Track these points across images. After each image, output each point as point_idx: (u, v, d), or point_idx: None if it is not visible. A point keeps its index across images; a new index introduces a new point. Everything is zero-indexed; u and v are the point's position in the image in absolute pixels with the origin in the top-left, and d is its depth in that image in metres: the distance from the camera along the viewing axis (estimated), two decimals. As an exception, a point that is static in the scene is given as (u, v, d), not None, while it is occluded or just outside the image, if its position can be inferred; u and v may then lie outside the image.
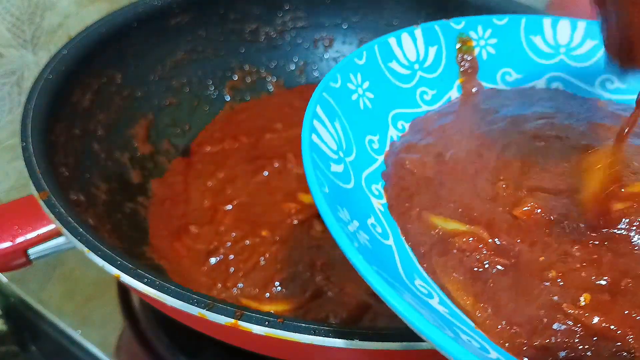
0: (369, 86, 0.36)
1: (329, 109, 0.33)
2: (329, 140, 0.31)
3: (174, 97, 0.63)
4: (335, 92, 0.34)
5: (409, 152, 0.35)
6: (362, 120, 0.35)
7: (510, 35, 0.42)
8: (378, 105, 0.37)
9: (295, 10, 0.68)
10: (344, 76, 0.35)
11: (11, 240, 0.41)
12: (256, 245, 0.51)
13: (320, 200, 0.26)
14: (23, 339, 0.55)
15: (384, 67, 0.38)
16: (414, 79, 0.39)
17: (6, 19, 0.63)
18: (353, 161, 0.32)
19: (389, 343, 0.32)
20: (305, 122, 0.31)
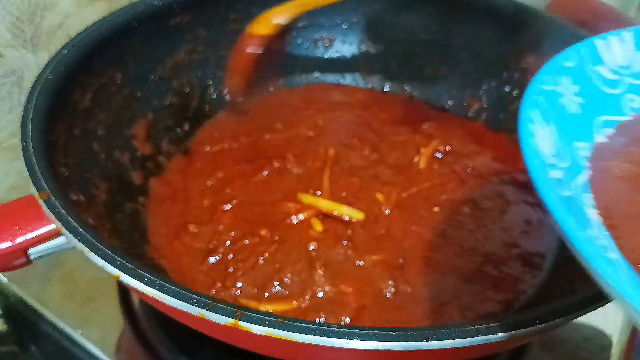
0: (578, 91, 0.35)
1: (543, 111, 0.32)
2: (547, 145, 0.30)
3: (174, 97, 0.63)
4: (546, 94, 0.33)
5: (616, 158, 0.33)
6: (571, 126, 0.34)
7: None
8: (585, 111, 0.35)
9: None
10: (553, 79, 0.34)
11: (11, 240, 0.41)
12: (255, 244, 0.51)
13: (558, 209, 0.25)
14: (23, 339, 0.55)
15: (591, 71, 0.36)
16: (622, 85, 0.37)
17: (6, 19, 0.63)
18: (567, 168, 0.31)
19: (389, 343, 0.32)
20: (522, 127, 0.30)
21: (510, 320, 0.33)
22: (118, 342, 0.50)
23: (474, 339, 0.32)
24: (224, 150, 0.62)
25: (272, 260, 0.50)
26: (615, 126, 0.36)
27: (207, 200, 0.56)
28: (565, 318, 0.34)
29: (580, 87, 0.35)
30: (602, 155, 0.34)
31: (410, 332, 0.32)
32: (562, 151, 0.32)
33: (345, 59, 0.71)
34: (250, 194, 0.56)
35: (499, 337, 0.33)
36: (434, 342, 0.32)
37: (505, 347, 0.47)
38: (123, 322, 0.51)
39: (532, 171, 0.27)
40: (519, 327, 0.33)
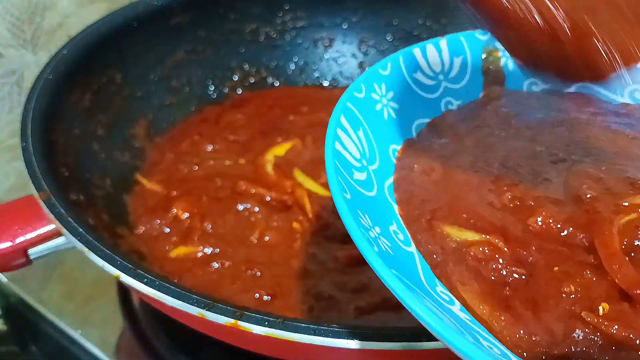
0: (393, 96, 0.37)
1: (353, 118, 0.33)
2: (353, 148, 0.32)
3: (174, 97, 0.63)
4: (359, 101, 0.34)
5: (419, 155, 0.35)
6: (386, 130, 0.35)
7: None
8: (402, 115, 0.37)
9: (295, 10, 0.68)
10: (368, 86, 0.35)
11: (11, 240, 0.41)
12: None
13: (342, 206, 0.27)
14: (23, 339, 0.55)
15: (408, 78, 0.38)
16: (439, 90, 0.39)
17: (6, 19, 0.63)
18: (376, 169, 0.33)
19: (389, 343, 0.32)
20: (329, 131, 0.31)
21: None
22: (118, 342, 0.50)
23: (474, 339, 0.32)
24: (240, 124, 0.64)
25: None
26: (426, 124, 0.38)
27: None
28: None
29: (394, 93, 0.37)
30: (409, 151, 0.36)
31: (410, 332, 0.32)
32: (373, 154, 0.33)
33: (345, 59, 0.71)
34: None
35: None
36: (434, 342, 0.32)
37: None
38: (123, 322, 0.51)
39: (328, 172, 0.29)
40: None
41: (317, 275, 0.48)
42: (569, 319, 0.25)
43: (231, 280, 0.48)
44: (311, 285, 0.47)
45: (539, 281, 0.26)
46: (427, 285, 0.27)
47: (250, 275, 0.48)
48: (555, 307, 0.25)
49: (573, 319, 0.25)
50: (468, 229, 0.29)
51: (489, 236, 0.29)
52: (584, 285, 0.26)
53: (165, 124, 0.62)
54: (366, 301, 0.46)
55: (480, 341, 0.24)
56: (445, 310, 0.25)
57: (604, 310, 0.25)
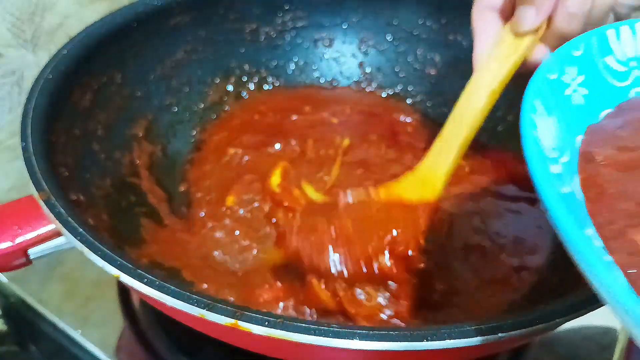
0: (583, 81, 0.33)
1: (547, 102, 0.30)
2: (547, 138, 0.28)
3: (174, 97, 0.63)
4: (551, 84, 0.31)
5: (604, 144, 0.31)
6: (575, 118, 0.32)
7: None
8: (590, 103, 0.33)
9: (295, 10, 0.68)
10: (559, 68, 0.32)
11: (11, 240, 0.41)
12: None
13: (555, 205, 0.23)
14: (23, 339, 0.55)
15: (599, 62, 0.34)
16: (629, 77, 0.35)
17: (6, 19, 0.63)
18: (566, 163, 0.29)
19: (389, 343, 0.32)
20: (524, 117, 0.28)
21: (510, 321, 0.33)
22: (118, 342, 0.50)
23: (474, 339, 0.32)
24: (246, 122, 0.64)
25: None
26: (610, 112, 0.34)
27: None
28: (564, 318, 0.34)
29: (586, 77, 0.33)
30: (591, 143, 0.32)
31: (410, 332, 0.32)
32: (563, 145, 0.30)
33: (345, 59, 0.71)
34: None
35: (498, 337, 0.33)
36: (434, 342, 0.32)
37: (505, 347, 0.47)
38: (123, 322, 0.51)
39: (531, 165, 0.26)
40: (519, 328, 0.33)
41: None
42: None
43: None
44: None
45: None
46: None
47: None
48: None
49: None
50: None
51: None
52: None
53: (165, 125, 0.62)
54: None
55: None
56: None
57: None
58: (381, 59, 0.71)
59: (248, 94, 0.68)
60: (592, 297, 0.35)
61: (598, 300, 0.35)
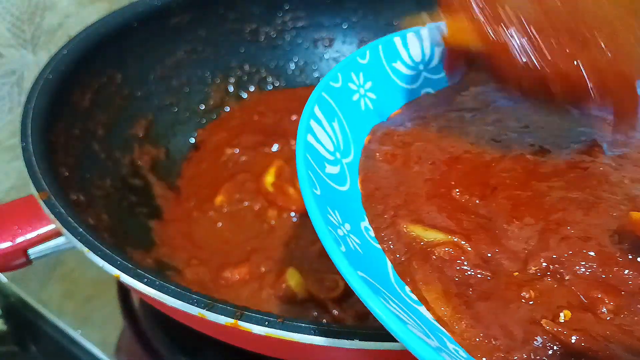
0: (371, 86, 0.35)
1: (328, 109, 0.32)
2: (326, 141, 0.31)
3: (174, 97, 0.63)
4: (335, 91, 0.33)
5: (384, 140, 0.33)
6: (363, 121, 0.34)
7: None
8: (381, 106, 0.36)
9: (295, 10, 0.68)
10: (345, 75, 0.34)
11: (11, 240, 0.41)
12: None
13: (310, 202, 0.26)
14: (23, 339, 0.55)
15: (387, 67, 0.37)
16: (419, 80, 0.38)
17: (6, 19, 0.63)
18: (350, 162, 0.32)
19: (389, 343, 0.32)
20: (301, 122, 0.30)
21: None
22: (118, 342, 0.50)
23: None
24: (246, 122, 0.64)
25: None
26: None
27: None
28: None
29: (373, 82, 0.35)
30: (375, 136, 0.34)
31: (410, 332, 0.32)
32: (349, 146, 0.32)
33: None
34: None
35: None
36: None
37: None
38: (123, 322, 0.51)
39: (298, 164, 0.28)
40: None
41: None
42: (529, 325, 0.24)
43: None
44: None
45: (501, 285, 0.26)
46: (396, 286, 0.26)
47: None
48: (515, 312, 0.24)
49: (533, 325, 0.24)
50: (432, 229, 0.28)
51: (454, 237, 0.27)
52: (545, 291, 0.25)
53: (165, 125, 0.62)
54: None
55: (446, 344, 0.23)
56: (413, 311, 0.24)
57: (566, 317, 0.24)
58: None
59: (248, 94, 0.68)
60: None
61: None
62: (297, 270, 0.49)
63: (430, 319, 0.25)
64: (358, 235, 0.28)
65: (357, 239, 0.27)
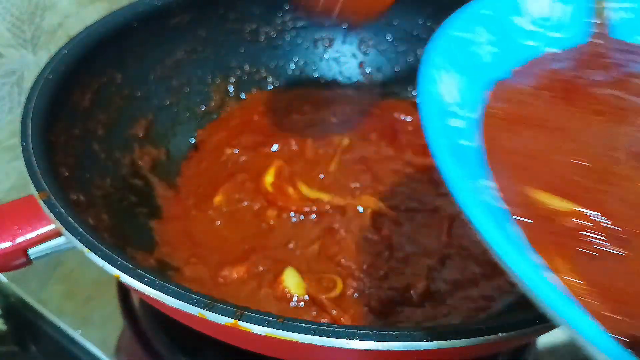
0: (493, 40, 0.33)
1: (451, 58, 0.30)
2: (452, 92, 0.29)
3: (174, 97, 0.63)
4: (456, 41, 0.31)
5: (505, 99, 0.31)
6: (484, 75, 0.32)
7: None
8: (501, 61, 0.33)
9: (295, 10, 0.68)
10: (466, 25, 0.32)
11: (11, 240, 0.41)
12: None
13: (442, 152, 0.24)
14: (23, 339, 0.55)
15: (509, 21, 0.34)
16: (540, 38, 0.35)
17: (6, 19, 0.63)
18: (474, 119, 0.30)
19: (389, 343, 0.32)
20: (423, 72, 0.28)
21: (510, 321, 0.33)
22: (118, 342, 0.50)
23: (474, 339, 0.32)
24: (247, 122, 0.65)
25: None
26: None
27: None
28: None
29: (495, 37, 0.33)
30: (496, 98, 0.32)
31: (410, 332, 0.32)
32: (470, 100, 0.30)
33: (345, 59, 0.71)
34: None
35: (499, 337, 0.33)
36: (434, 342, 0.32)
37: (505, 347, 0.47)
38: (123, 322, 0.51)
39: (424, 116, 0.26)
40: (519, 328, 0.33)
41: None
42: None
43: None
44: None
45: (633, 261, 0.24)
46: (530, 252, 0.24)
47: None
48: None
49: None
50: (562, 197, 0.26)
51: (587, 209, 0.26)
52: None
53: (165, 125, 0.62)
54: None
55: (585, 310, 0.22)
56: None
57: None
58: (381, 59, 0.71)
59: (248, 95, 0.68)
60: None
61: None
62: (296, 270, 0.49)
63: (560, 284, 0.24)
64: (487, 193, 0.26)
65: (489, 198, 0.26)
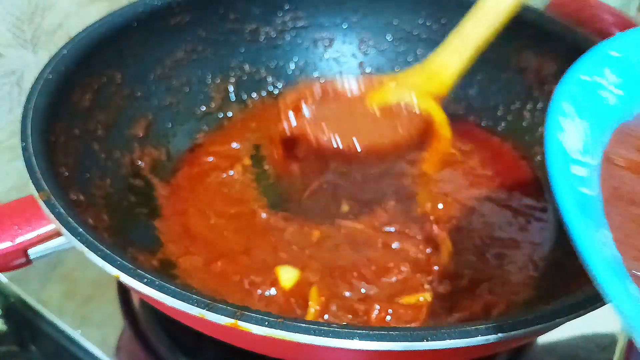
0: (620, 83, 0.32)
1: (577, 104, 0.29)
2: (575, 139, 0.28)
3: (174, 97, 0.63)
4: (584, 85, 0.30)
5: (624, 143, 0.30)
6: (608, 119, 0.31)
7: None
8: (625, 105, 0.32)
9: (295, 10, 0.68)
10: (594, 68, 0.31)
11: (11, 240, 0.41)
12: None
13: (568, 205, 0.24)
14: (23, 339, 0.55)
15: (637, 62, 0.33)
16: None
17: (6, 19, 0.63)
18: (597, 166, 0.29)
19: (389, 343, 0.32)
20: (550, 118, 0.27)
21: (510, 321, 0.33)
22: (118, 342, 0.50)
23: (473, 339, 0.32)
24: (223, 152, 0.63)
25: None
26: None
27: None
28: (564, 318, 0.34)
29: (623, 79, 0.32)
30: (615, 141, 0.31)
31: (410, 332, 0.32)
32: (592, 147, 0.29)
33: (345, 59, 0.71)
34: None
35: (498, 337, 0.33)
36: (434, 342, 0.32)
37: (505, 347, 0.47)
38: (123, 322, 0.51)
39: (551, 166, 0.26)
40: (519, 328, 0.33)
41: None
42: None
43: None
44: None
45: None
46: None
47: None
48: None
49: None
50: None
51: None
52: None
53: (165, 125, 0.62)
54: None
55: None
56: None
57: None
58: (381, 59, 0.71)
59: (249, 98, 0.68)
60: (592, 297, 0.35)
61: (598, 300, 0.35)
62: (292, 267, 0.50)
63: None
64: (609, 246, 0.25)
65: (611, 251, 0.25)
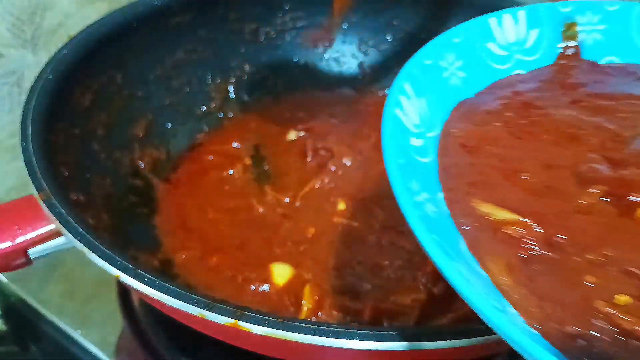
0: (462, 65, 0.36)
1: (417, 85, 0.33)
2: (413, 115, 0.32)
3: (174, 97, 0.63)
4: (426, 68, 0.34)
5: (463, 118, 0.34)
6: (450, 97, 0.35)
7: (620, 22, 0.39)
8: (469, 84, 0.36)
9: (295, 10, 0.68)
10: (437, 54, 0.35)
11: (11, 240, 0.41)
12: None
13: (392, 168, 0.28)
14: (23, 339, 0.55)
15: (480, 47, 0.37)
16: (510, 61, 0.38)
17: (6, 19, 0.63)
18: (434, 137, 0.33)
19: (389, 343, 0.32)
20: (390, 96, 0.32)
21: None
22: (118, 342, 0.50)
23: (473, 339, 0.32)
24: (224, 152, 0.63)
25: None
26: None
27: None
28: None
29: (464, 61, 0.37)
30: (454, 117, 0.35)
31: (410, 332, 0.32)
32: (433, 122, 0.33)
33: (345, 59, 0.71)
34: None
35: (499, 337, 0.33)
36: (434, 342, 0.32)
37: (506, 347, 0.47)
38: (123, 322, 0.51)
39: (384, 136, 0.30)
40: (519, 327, 0.33)
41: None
42: (587, 303, 0.25)
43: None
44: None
45: (564, 267, 0.26)
46: (465, 254, 0.27)
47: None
48: (574, 291, 0.25)
49: (590, 304, 0.25)
50: (503, 208, 0.29)
51: (524, 218, 0.28)
52: (607, 278, 0.26)
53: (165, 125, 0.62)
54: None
55: (506, 308, 0.25)
56: (480, 277, 0.26)
57: (624, 302, 0.24)
58: (381, 59, 0.71)
59: (249, 97, 0.68)
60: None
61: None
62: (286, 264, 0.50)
63: (492, 285, 0.26)
64: (435, 204, 0.29)
65: (433, 207, 0.28)
